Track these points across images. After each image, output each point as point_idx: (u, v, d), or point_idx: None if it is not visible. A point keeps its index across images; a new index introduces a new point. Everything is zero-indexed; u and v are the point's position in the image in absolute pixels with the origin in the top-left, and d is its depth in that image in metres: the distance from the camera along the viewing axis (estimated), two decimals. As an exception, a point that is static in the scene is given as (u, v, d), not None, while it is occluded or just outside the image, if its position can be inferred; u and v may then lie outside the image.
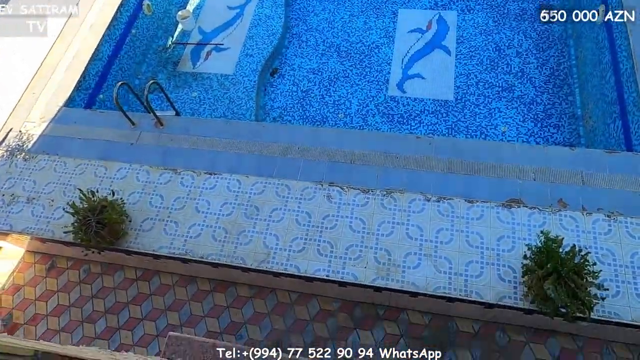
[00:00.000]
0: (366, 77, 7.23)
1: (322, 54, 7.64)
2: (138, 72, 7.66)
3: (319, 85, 7.27)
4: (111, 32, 6.88)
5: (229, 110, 7.01)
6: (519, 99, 6.64)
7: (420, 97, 6.85)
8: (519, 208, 4.31)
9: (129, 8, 7.33)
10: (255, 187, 4.82)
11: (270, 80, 7.48)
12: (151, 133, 5.43)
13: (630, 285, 3.83)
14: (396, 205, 4.48)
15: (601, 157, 4.53)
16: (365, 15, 8.02)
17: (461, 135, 6.44)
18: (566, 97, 6.58)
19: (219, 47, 7.80)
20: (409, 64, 7.25)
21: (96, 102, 6.68)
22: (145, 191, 4.96)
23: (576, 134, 6.26)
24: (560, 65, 6.90)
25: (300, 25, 8.10)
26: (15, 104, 6.02)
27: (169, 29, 8.23)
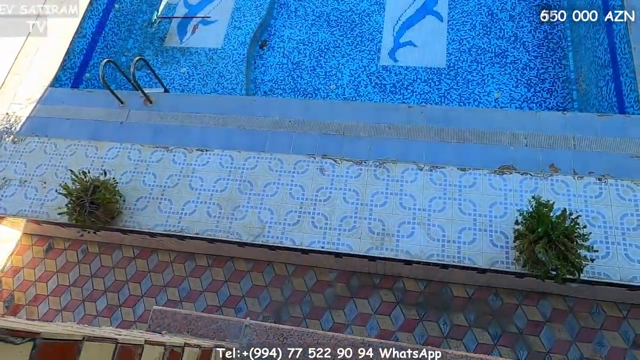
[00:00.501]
0: (357, 46, 7.10)
1: (311, 24, 7.47)
2: (124, 49, 7.49)
3: (309, 56, 7.14)
4: (93, 8, 6.68)
5: (219, 85, 6.91)
6: (512, 65, 6.56)
7: (413, 66, 6.76)
8: (511, 174, 4.33)
9: (111, -18, 7.10)
10: (248, 162, 4.81)
11: (259, 52, 7.34)
12: (140, 111, 5.36)
13: (619, 246, 3.90)
14: (389, 175, 4.49)
15: (592, 120, 4.52)
16: (354, -17, 7.79)
17: (454, 103, 6.39)
18: (560, 61, 6.51)
19: (206, 20, 7.61)
20: (400, 31, 7.12)
21: (83, 81, 6.55)
22: (138, 170, 4.94)
23: (570, 98, 6.22)
24: (554, 28, 6.79)
25: (288, -6, 7.89)
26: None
27: (154, 3, 7.99)
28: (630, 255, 3.86)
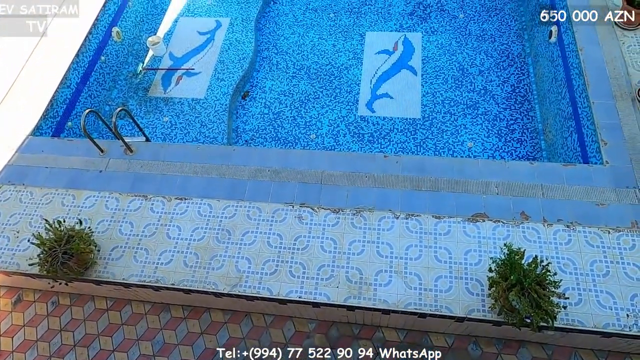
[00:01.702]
0: (336, 97, 7.39)
1: (292, 76, 7.78)
2: (108, 99, 7.63)
3: (290, 106, 7.38)
4: (79, 60, 6.85)
5: (201, 134, 7.03)
6: (484, 116, 6.90)
7: (389, 116, 7.04)
8: (484, 222, 4.45)
9: (98, 35, 7.33)
10: (227, 210, 4.83)
11: (241, 103, 7.56)
12: (120, 160, 5.40)
13: (591, 293, 3.98)
14: (366, 223, 4.56)
15: (559, 169, 4.74)
16: (333, 38, 8.24)
17: (430, 152, 6.62)
18: (527, 113, 6.88)
19: (190, 71, 7.86)
20: (377, 84, 7.46)
21: (64, 130, 6.60)
22: (115, 219, 4.91)
23: (538, 148, 6.52)
24: (520, 82, 7.22)
25: (270, 49, 8.26)
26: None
27: (140, 55, 8.25)
28: (602, 302, 3.93)
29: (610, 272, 4.07)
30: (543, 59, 6.89)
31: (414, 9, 8.45)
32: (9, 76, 6.50)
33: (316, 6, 8.83)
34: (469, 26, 8.04)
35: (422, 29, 8.12)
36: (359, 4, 8.73)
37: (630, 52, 5.56)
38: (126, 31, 8.11)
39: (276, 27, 8.59)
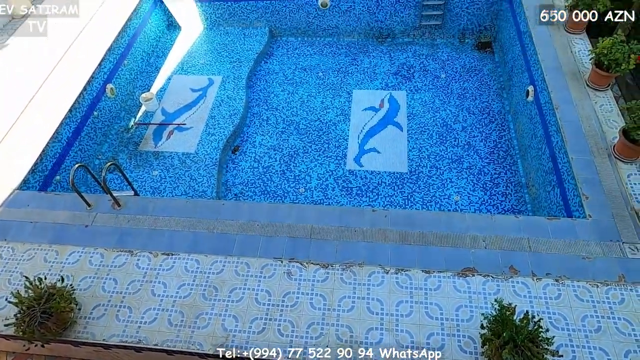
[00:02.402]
0: (325, 152, 7.55)
1: (282, 132, 7.98)
2: (98, 153, 7.68)
3: (279, 161, 7.50)
4: (72, 115, 6.97)
5: (190, 188, 7.05)
6: (468, 170, 7.08)
7: (377, 170, 7.18)
8: (474, 277, 4.44)
9: (92, 91, 7.51)
10: (214, 266, 4.75)
11: (231, 157, 7.67)
12: (108, 214, 5.35)
13: (584, 349, 3.92)
14: (356, 279, 4.51)
15: (543, 223, 4.82)
16: (322, 95, 8.56)
17: (417, 205, 6.70)
18: (510, 167, 7.09)
19: (182, 126, 8.02)
20: (364, 139, 7.68)
21: (52, 184, 6.57)
22: (98, 275, 4.77)
23: (523, 201, 6.65)
24: (502, 138, 7.51)
25: (261, 105, 8.52)
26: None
27: (132, 110, 8.43)
28: (596, 359, 3.86)
29: (602, 327, 4.04)
30: (522, 116, 7.22)
31: (398, 69, 8.90)
32: (1, 130, 6.54)
33: (305, 65, 9.24)
34: (450, 85, 8.46)
35: (406, 87, 8.51)
36: (346, 63, 9.18)
37: (602, 110, 5.87)
38: (120, 88, 8.33)
39: (267, 84, 8.93)
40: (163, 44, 9.83)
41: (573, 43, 6.87)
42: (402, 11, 9.15)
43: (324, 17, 9.48)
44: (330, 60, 9.28)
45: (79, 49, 7.83)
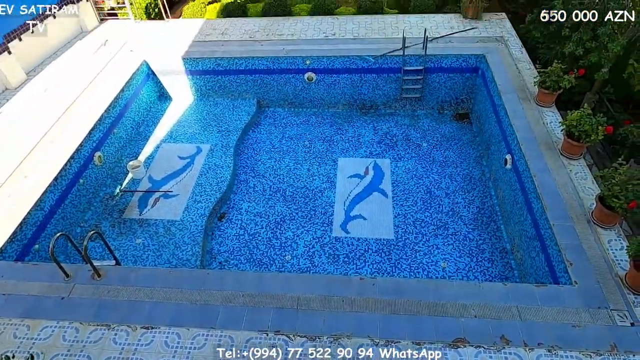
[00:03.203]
0: (311, 219, 7.57)
1: (268, 199, 8.03)
2: (81, 221, 7.56)
3: (265, 228, 7.47)
4: (58, 183, 6.94)
5: (174, 256, 6.90)
6: (454, 236, 7.13)
7: (364, 237, 7.18)
8: (465, 348, 4.31)
9: (80, 159, 7.56)
10: (196, 340, 4.52)
11: (217, 224, 7.61)
12: (86, 285, 5.15)
13: None
14: (344, 352, 4.33)
15: (531, 290, 4.80)
16: (308, 163, 8.76)
17: (405, 272, 6.64)
18: (494, 233, 7.17)
19: (168, 194, 8.02)
20: (350, 206, 7.76)
21: (30, 253, 6.36)
22: (71, 352, 4.49)
23: (509, 267, 6.66)
24: (484, 204, 7.67)
25: (248, 172, 8.65)
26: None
27: (119, 178, 8.45)
28: None
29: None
30: (502, 183, 7.45)
31: (381, 138, 9.25)
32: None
33: (292, 134, 9.55)
34: (432, 153, 8.78)
35: (390, 155, 8.79)
36: (331, 133, 9.51)
37: (578, 178, 6.12)
38: (108, 155, 8.41)
39: (254, 152, 9.13)
40: (154, 113, 10.12)
41: (544, 115, 7.31)
42: (383, 85, 9.71)
43: (310, 90, 9.98)
44: (316, 130, 9.62)
45: (70, 119, 8.00)
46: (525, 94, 7.82)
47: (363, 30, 10.23)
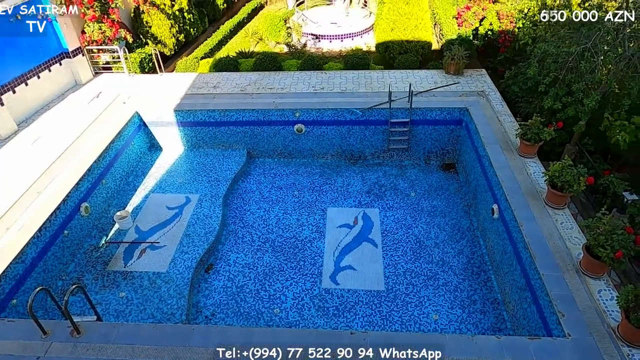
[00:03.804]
0: (300, 270, 7.46)
1: (257, 249, 7.93)
2: (63, 274, 7.33)
3: (254, 280, 7.32)
4: (41, 235, 6.79)
5: (159, 310, 6.67)
6: (444, 287, 7.06)
7: (354, 289, 7.06)
8: (461, 406, 4.14)
9: (66, 210, 7.46)
10: (179, 402, 4.29)
11: (204, 276, 7.44)
12: (64, 343, 4.91)
13: None
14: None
15: (525, 343, 4.71)
16: (297, 212, 8.76)
17: (396, 325, 6.48)
18: (485, 283, 7.12)
19: (155, 245, 7.88)
20: (340, 256, 7.69)
21: (6, 308, 6.10)
22: (44, 418, 4.20)
23: (502, 319, 6.55)
24: (474, 254, 7.67)
25: (237, 222, 8.59)
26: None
27: (105, 229, 8.31)
28: None
29: None
30: (490, 232, 7.51)
31: (370, 188, 9.35)
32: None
33: (281, 184, 9.61)
34: (420, 203, 8.87)
35: (378, 205, 8.86)
36: (320, 183, 9.60)
37: (563, 227, 6.21)
38: (95, 206, 8.33)
39: (243, 202, 9.12)
40: (143, 164, 10.15)
41: (527, 166, 7.52)
42: (371, 136, 9.97)
43: (299, 141, 10.18)
44: (305, 180, 9.71)
45: (58, 170, 7.98)
46: (508, 145, 8.08)
47: (350, 85, 10.64)
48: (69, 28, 10.71)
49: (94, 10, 10.95)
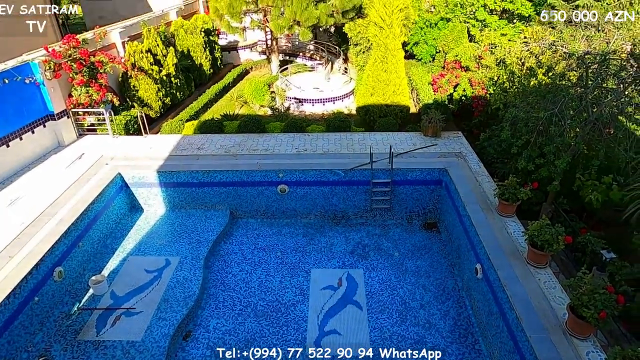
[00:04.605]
0: (283, 336, 7.17)
1: (238, 314, 7.64)
2: (29, 344, 6.86)
3: (234, 347, 6.97)
4: (9, 302, 6.44)
5: (131, 384, 6.23)
6: (433, 350, 6.83)
7: (339, 355, 6.77)
8: None
9: (38, 275, 7.14)
10: None
11: (182, 344, 7.06)
12: None
13: None
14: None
15: (518, 413, 4.53)
16: (280, 275, 8.58)
17: (384, 394, 6.18)
18: (473, 346, 6.94)
19: (131, 311, 7.52)
20: (324, 320, 7.45)
21: (-37, 386, 5.62)
22: None
23: (493, 385, 6.33)
24: (460, 315, 7.54)
25: (218, 286, 8.33)
26: None
27: (79, 294, 7.93)
28: None
29: None
30: (475, 292, 7.45)
31: (354, 248, 9.30)
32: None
33: (264, 245, 9.49)
34: (404, 263, 8.82)
35: (362, 266, 8.77)
36: (304, 243, 9.52)
37: (546, 287, 6.22)
38: (69, 270, 8.01)
39: (225, 264, 8.92)
40: (123, 225, 9.95)
41: (507, 225, 7.66)
42: (354, 196, 10.09)
43: (283, 201, 10.21)
44: (288, 240, 9.62)
45: (34, 233, 7.75)
46: (487, 204, 8.27)
47: (333, 146, 10.92)
48: (56, 91, 10.93)
49: (83, 75, 11.26)
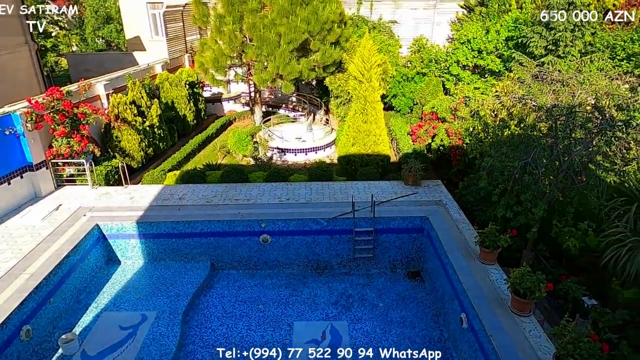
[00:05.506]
0: (265, 396, 6.81)
1: (218, 373, 7.27)
2: (-12, 413, 6.34)
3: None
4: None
5: None
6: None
7: (323, 415, 6.44)
8: None
9: (4, 334, 6.72)
10: None
11: (156, 408, 6.62)
12: None
13: None
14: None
15: None
16: (262, 329, 8.28)
17: None
18: (461, 402, 6.70)
19: (102, 372, 7.08)
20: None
21: None
22: None
23: None
24: (447, 369, 7.34)
25: (196, 342, 7.97)
26: None
27: (46, 355, 7.45)
28: None
29: None
30: (462, 344, 7.30)
31: (337, 299, 9.12)
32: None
33: (245, 298, 9.22)
34: (389, 314, 8.65)
35: (347, 317, 8.56)
36: (286, 295, 9.30)
37: (532, 336, 6.16)
38: (38, 329, 7.57)
39: (205, 319, 8.58)
40: (98, 279, 9.58)
41: (489, 273, 7.68)
42: (337, 245, 10.03)
43: (265, 251, 10.06)
44: (270, 292, 9.38)
45: (2, 289, 7.38)
46: (469, 252, 8.32)
47: (315, 195, 10.99)
48: (36, 142, 10.85)
49: (65, 127, 11.25)
